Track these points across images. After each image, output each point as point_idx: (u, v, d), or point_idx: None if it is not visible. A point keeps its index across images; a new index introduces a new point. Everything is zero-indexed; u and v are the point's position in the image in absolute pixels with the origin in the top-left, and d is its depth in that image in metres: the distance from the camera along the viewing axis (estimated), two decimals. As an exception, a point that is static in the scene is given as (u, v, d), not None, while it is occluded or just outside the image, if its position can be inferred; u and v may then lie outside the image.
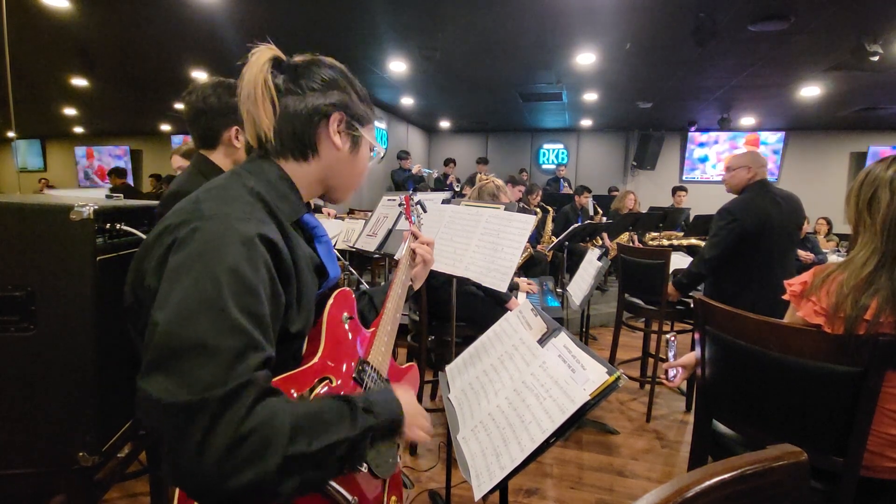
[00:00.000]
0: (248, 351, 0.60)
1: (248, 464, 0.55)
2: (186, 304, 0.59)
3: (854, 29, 4.22)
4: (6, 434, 1.12)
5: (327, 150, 0.84)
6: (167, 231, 0.68)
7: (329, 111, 0.81)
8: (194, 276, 0.61)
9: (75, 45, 5.16)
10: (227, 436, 0.54)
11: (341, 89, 0.83)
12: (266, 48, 0.80)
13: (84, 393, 1.14)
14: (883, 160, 1.16)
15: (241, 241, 0.65)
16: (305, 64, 0.82)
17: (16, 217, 1.09)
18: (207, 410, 0.54)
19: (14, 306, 1.10)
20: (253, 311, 0.62)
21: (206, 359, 0.57)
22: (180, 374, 0.56)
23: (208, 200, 0.70)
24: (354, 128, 0.85)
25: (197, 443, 0.54)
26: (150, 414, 0.56)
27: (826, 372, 1.07)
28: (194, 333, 0.57)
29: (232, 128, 1.43)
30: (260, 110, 0.78)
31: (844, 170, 9.14)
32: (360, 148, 0.88)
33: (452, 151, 9.86)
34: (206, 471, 0.54)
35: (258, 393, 0.58)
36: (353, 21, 4.51)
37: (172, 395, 0.55)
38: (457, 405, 1.08)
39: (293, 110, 0.79)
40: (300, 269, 0.76)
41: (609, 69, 5.72)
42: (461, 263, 1.78)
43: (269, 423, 0.57)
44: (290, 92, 0.79)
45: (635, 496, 1.83)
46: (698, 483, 0.44)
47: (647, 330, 3.26)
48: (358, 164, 0.89)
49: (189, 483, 0.55)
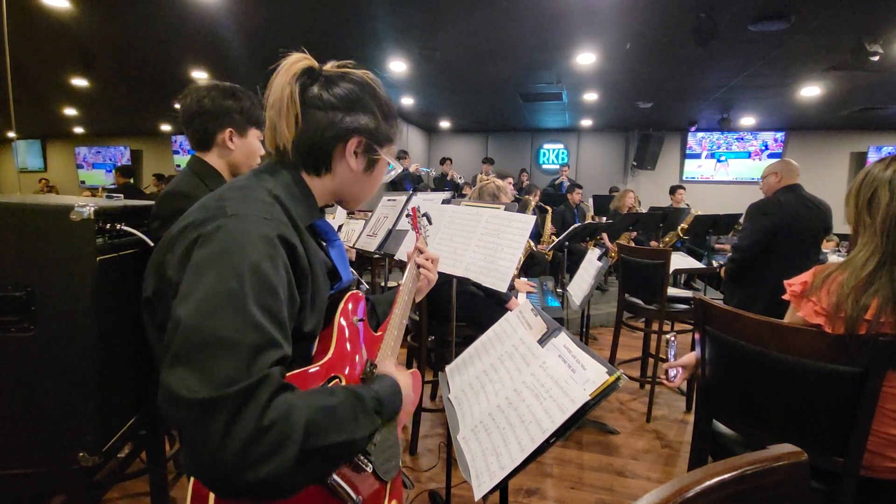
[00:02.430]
0: (267, 348, 0.61)
1: (267, 457, 0.56)
2: (210, 299, 0.60)
3: (854, 29, 4.22)
4: (6, 434, 1.12)
5: (342, 169, 0.84)
6: (191, 227, 0.69)
7: (348, 135, 0.81)
8: (218, 272, 0.62)
9: (75, 45, 5.16)
10: (247, 430, 0.56)
11: (366, 108, 0.83)
12: (299, 57, 0.80)
13: (84, 393, 1.14)
14: (882, 160, 1.16)
15: (264, 240, 0.66)
16: (334, 77, 0.82)
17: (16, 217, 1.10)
18: (228, 406, 0.56)
19: (14, 306, 1.10)
20: (272, 309, 0.63)
21: (226, 353, 0.58)
22: (201, 368, 0.57)
23: (231, 200, 0.72)
24: (373, 150, 0.85)
25: (218, 436, 0.55)
26: (171, 408, 0.57)
27: (826, 372, 1.07)
28: (217, 328, 0.59)
29: (226, 130, 1.44)
30: (283, 122, 0.79)
31: (844, 170, 9.14)
32: (375, 168, 0.88)
33: (452, 151, 9.87)
34: (226, 464, 0.55)
35: (275, 388, 0.59)
36: (353, 21, 4.51)
37: (194, 391, 0.56)
38: (457, 405, 1.08)
39: (314, 126, 0.80)
40: (315, 271, 0.77)
41: (609, 69, 5.72)
42: (461, 263, 1.78)
43: (286, 418, 0.59)
44: (315, 106, 0.79)
45: (635, 496, 1.83)
46: (698, 483, 0.43)
47: (647, 330, 3.26)
48: (372, 182, 0.90)
49: (208, 475, 0.57)
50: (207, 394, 0.55)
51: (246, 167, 1.52)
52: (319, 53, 0.87)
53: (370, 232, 2.73)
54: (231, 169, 1.51)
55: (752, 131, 9.47)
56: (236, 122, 1.45)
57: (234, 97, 1.45)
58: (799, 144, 9.32)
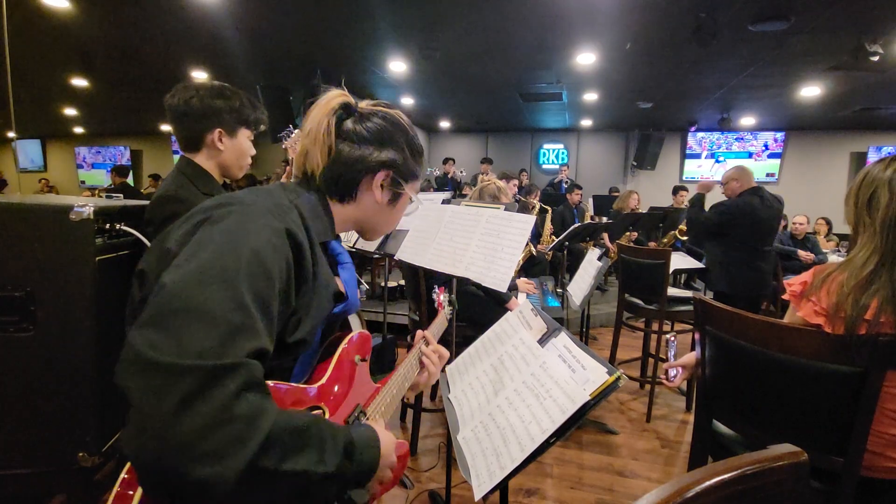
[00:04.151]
0: (247, 332, 0.57)
1: (217, 456, 0.49)
2: (203, 270, 0.59)
3: (854, 29, 4.22)
4: (6, 434, 1.12)
5: (366, 199, 0.87)
6: (202, 210, 0.70)
7: (377, 168, 0.84)
8: (217, 248, 0.61)
9: (75, 45, 5.16)
10: (209, 412, 0.50)
11: (396, 145, 0.86)
12: (339, 93, 0.84)
13: (84, 393, 1.14)
14: (882, 160, 1.16)
15: (272, 230, 0.67)
16: (368, 114, 0.86)
17: (16, 217, 1.10)
18: (193, 377, 0.50)
19: (14, 306, 1.10)
20: (264, 297, 0.62)
21: (203, 325, 0.54)
22: (173, 333, 0.53)
23: (251, 194, 0.74)
24: (399, 184, 0.88)
25: (174, 407, 0.49)
26: (130, 367, 0.52)
27: (826, 372, 1.07)
28: (199, 298, 0.56)
29: (215, 130, 1.41)
30: (316, 151, 0.82)
31: (844, 170, 9.14)
32: (399, 201, 0.91)
33: (452, 151, 9.87)
34: (175, 442, 0.48)
35: (249, 380, 0.54)
36: (353, 21, 4.51)
37: (158, 352, 0.51)
38: (457, 405, 1.08)
39: (345, 158, 0.83)
40: (318, 281, 0.76)
41: (609, 69, 5.73)
42: (461, 263, 1.78)
43: (252, 418, 0.53)
44: (348, 139, 0.83)
45: (635, 496, 1.83)
46: (698, 483, 0.43)
47: (647, 330, 3.26)
48: (394, 215, 0.93)
49: (149, 451, 0.49)
50: (173, 359, 0.51)
51: (237, 168, 1.49)
52: (320, 54, 0.87)
53: (370, 232, 2.72)
54: (221, 170, 1.47)
55: (752, 131, 9.47)
56: (226, 122, 1.42)
57: (223, 97, 1.41)
58: (799, 144, 9.32)
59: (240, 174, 1.53)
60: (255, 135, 1.53)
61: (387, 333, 3.21)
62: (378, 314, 3.78)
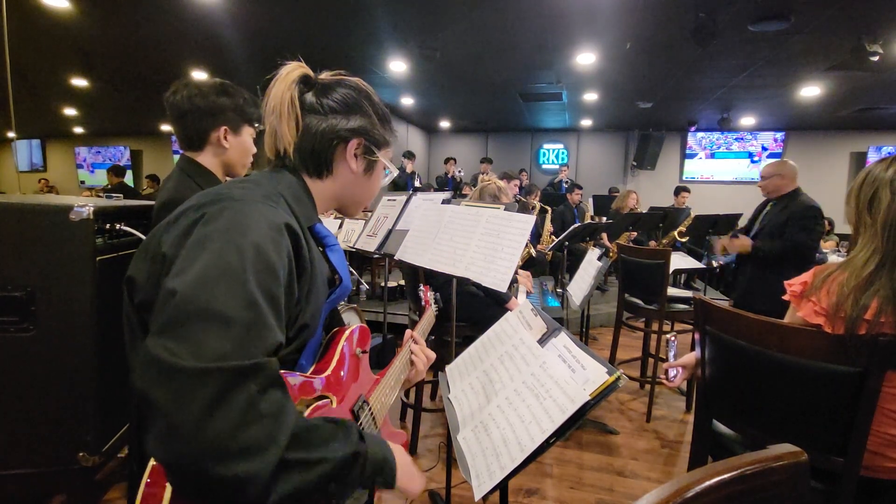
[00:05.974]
0: (261, 328, 0.58)
1: (249, 453, 0.51)
2: (207, 272, 0.58)
3: (854, 29, 4.22)
4: (7, 434, 1.12)
5: (342, 171, 0.87)
6: (193, 209, 0.68)
7: (349, 136, 0.84)
8: (219, 248, 0.60)
9: (75, 45, 5.16)
10: (237, 411, 0.51)
11: (363, 112, 0.86)
12: (296, 65, 0.82)
13: (84, 393, 1.14)
14: (883, 160, 1.16)
15: (269, 224, 0.66)
16: (331, 84, 0.85)
17: (16, 217, 1.10)
18: (218, 379, 0.51)
19: (14, 306, 1.10)
20: (271, 292, 0.61)
21: (218, 328, 0.54)
22: (191, 339, 0.53)
23: (237, 188, 0.72)
24: (372, 152, 0.88)
25: (205, 408, 0.50)
26: (152, 376, 0.52)
27: (826, 372, 1.07)
28: (211, 301, 0.55)
29: (220, 128, 1.39)
30: (284, 126, 0.80)
31: (844, 170, 9.14)
32: (374, 170, 0.91)
33: (452, 151, 9.87)
34: (208, 441, 0.49)
35: (269, 378, 0.56)
36: (353, 21, 4.51)
37: (178, 357, 0.51)
38: (457, 405, 1.08)
39: (314, 130, 0.82)
40: (315, 268, 0.77)
41: (609, 69, 5.73)
42: (461, 263, 1.78)
43: (277, 415, 0.54)
44: (314, 111, 0.82)
45: (635, 496, 1.83)
46: (698, 483, 0.43)
47: (647, 330, 3.26)
48: (371, 185, 0.93)
49: (182, 452, 0.49)
50: (196, 364, 0.51)
51: (240, 166, 1.48)
52: (320, 54, 0.87)
53: (370, 232, 2.72)
54: (225, 169, 1.46)
55: (752, 131, 9.47)
56: (230, 119, 1.40)
57: (227, 94, 1.40)
58: (799, 144, 9.32)
59: (243, 172, 1.51)
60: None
61: (387, 333, 3.21)
62: (378, 314, 3.78)
